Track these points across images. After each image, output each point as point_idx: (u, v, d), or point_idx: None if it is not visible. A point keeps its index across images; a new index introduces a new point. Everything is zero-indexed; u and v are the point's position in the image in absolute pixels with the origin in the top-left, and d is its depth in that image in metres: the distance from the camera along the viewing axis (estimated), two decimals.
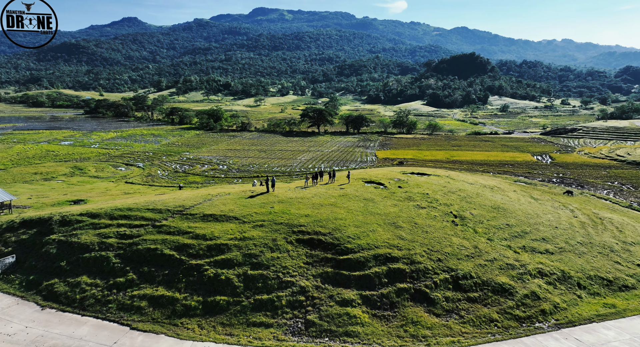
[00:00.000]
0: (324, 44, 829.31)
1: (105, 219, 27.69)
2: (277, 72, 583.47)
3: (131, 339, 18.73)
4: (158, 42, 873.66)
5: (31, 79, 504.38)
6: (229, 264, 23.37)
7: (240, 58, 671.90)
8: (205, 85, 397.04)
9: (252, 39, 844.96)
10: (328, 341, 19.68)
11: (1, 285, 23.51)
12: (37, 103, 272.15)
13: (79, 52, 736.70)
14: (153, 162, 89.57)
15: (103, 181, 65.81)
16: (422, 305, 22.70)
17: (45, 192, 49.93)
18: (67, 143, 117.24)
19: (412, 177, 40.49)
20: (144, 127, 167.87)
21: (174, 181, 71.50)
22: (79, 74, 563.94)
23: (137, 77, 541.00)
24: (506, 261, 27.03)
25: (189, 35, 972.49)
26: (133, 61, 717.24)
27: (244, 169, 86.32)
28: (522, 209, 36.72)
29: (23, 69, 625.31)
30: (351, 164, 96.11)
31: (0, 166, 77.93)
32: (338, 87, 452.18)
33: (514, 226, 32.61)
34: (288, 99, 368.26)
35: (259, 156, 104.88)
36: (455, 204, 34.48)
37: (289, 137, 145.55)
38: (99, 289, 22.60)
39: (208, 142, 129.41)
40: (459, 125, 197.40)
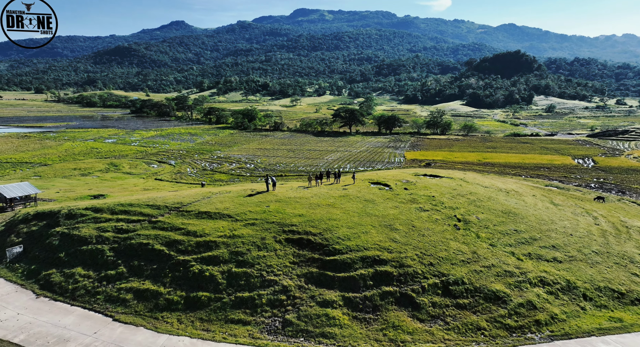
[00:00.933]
0: (363, 44, 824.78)
1: (107, 214, 29.04)
2: (315, 73, 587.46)
3: (111, 330, 19.56)
4: (202, 44, 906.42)
5: (88, 81, 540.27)
6: (215, 261, 23.84)
7: (279, 59, 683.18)
8: (244, 85, 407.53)
9: (292, 40, 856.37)
10: (303, 341, 19.72)
11: (6, 273, 25.20)
12: (90, 103, 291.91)
13: (130, 55, 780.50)
14: (184, 160, 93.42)
15: (134, 177, 69.54)
16: (406, 309, 22.28)
17: (77, 186, 53.57)
18: (110, 141, 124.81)
19: (423, 179, 39.69)
20: (182, 126, 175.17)
21: (201, 178, 74.23)
22: (129, 75, 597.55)
23: (182, 78, 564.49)
24: (505, 268, 25.99)
25: (231, 37, 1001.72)
26: (179, 63, 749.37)
27: (270, 168, 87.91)
28: (537, 214, 34.95)
29: (82, 72, 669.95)
30: (377, 164, 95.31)
31: (48, 161, 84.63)
32: (375, 87, 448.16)
33: (522, 232, 31.18)
34: (324, 99, 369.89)
35: (287, 156, 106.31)
36: (462, 207, 33.46)
37: (319, 137, 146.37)
38: (90, 281, 23.65)
39: (240, 141, 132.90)
40: (498, 126, 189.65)
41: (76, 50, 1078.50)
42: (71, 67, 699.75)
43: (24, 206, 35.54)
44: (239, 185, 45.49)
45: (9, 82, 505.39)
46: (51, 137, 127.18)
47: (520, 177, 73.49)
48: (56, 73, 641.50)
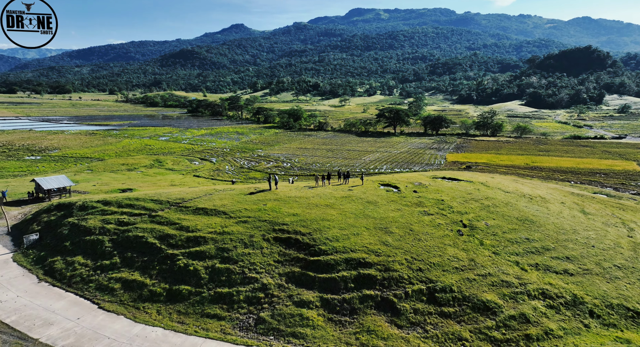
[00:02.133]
0: (418, 43, 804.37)
1: (114, 207, 30.84)
2: (367, 72, 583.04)
3: (93, 317, 20.73)
4: (259, 46, 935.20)
5: (154, 82, 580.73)
6: (201, 256, 24.53)
7: (332, 59, 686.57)
8: (295, 86, 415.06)
9: (345, 40, 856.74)
10: (272, 340, 19.89)
11: (20, 258, 27.39)
12: (153, 103, 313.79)
13: (192, 58, 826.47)
14: (225, 157, 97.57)
15: (175, 173, 74.01)
16: (385, 314, 21.76)
17: (116, 180, 57.96)
18: (164, 139, 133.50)
19: (438, 182, 38.45)
20: (231, 125, 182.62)
21: (237, 175, 77.23)
22: (190, 77, 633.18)
23: (238, 79, 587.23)
24: (503, 278, 24.63)
25: (287, 38, 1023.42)
26: (236, 64, 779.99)
27: (305, 168, 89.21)
28: (557, 223, 32.51)
29: (150, 74, 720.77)
30: (415, 166, 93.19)
31: (105, 157, 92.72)
32: (428, 86, 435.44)
33: (534, 241, 29.24)
34: (374, 99, 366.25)
35: (325, 155, 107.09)
36: (472, 212, 32.05)
37: (361, 137, 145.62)
38: (87, 269, 25.08)
39: (283, 140, 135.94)
40: (558, 128, 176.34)
41: (146, 54, 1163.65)
42: (141, 70, 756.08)
43: (60, 197, 39.44)
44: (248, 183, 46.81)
45: (89, 85, 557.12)
46: (113, 135, 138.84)
47: (566, 183, 68.17)
48: (128, 75, 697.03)
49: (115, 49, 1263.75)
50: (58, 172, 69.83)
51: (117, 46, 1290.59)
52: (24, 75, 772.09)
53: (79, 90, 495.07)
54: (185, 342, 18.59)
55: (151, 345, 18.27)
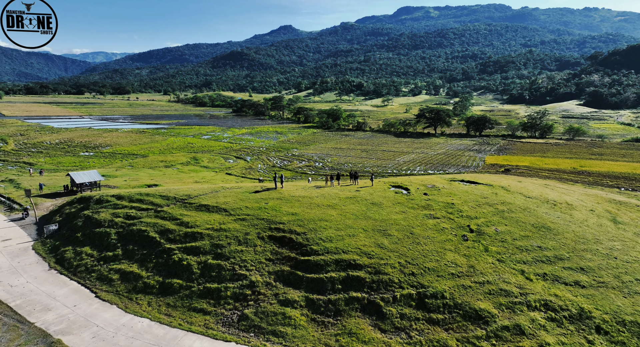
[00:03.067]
0: (469, 40, 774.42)
1: (125, 201, 32.30)
2: (414, 72, 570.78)
3: (89, 305, 21.80)
4: (306, 46, 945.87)
5: (205, 83, 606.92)
6: (196, 251, 25.18)
7: (378, 58, 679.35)
8: (339, 86, 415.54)
9: (392, 39, 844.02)
10: (252, 337, 20.11)
11: (38, 246, 29.23)
12: (201, 103, 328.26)
13: (242, 59, 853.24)
14: (260, 156, 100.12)
15: (208, 170, 77.13)
16: (370, 318, 21.39)
17: (151, 176, 61.64)
18: (206, 137, 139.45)
19: (454, 185, 37.20)
20: (272, 125, 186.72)
21: (268, 174, 79.10)
22: (239, 77, 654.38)
23: (284, 79, 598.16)
24: (502, 286, 23.50)
25: (334, 38, 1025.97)
26: (283, 65, 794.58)
27: (337, 167, 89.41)
28: (579, 231, 30.34)
29: (202, 75, 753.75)
30: (450, 168, 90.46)
31: (149, 154, 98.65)
32: (477, 86, 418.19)
33: (546, 250, 27.53)
34: (418, 99, 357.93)
35: (359, 156, 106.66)
36: (482, 217, 30.76)
37: (399, 138, 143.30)
38: (92, 260, 26.37)
39: (319, 140, 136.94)
40: (619, 129, 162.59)
41: (200, 56, 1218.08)
42: (193, 72, 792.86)
43: (90, 190, 42.65)
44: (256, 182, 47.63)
45: (146, 86, 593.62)
46: (161, 133, 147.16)
47: (614, 190, 62.95)
48: (182, 77, 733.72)
49: (171, 51, 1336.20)
50: (104, 168, 75.45)
51: (173, 49, 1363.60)
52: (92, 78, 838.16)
53: (137, 91, 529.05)
54: (167, 334, 19.27)
55: (134, 335, 19.12)
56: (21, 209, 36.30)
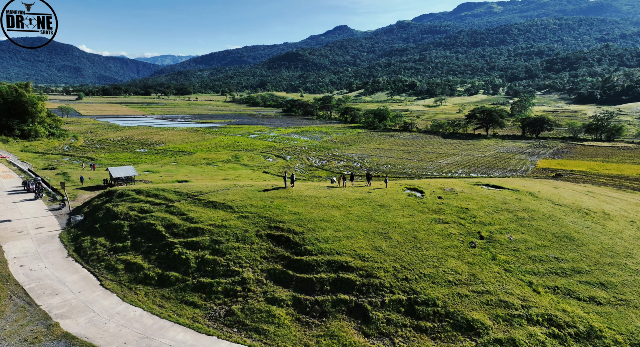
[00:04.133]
0: (535, 36, 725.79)
1: (142, 196, 33.79)
2: (471, 70, 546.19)
3: (92, 292, 23.06)
4: (360, 46, 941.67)
5: (260, 84, 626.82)
6: (195, 246, 25.91)
7: (434, 57, 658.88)
8: (391, 85, 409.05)
9: (450, 37, 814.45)
10: (235, 332, 20.41)
11: (63, 235, 31.24)
12: (254, 103, 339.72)
13: (296, 60, 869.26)
14: (300, 156, 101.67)
15: (246, 168, 79.77)
16: (355, 321, 21.05)
17: (191, 172, 64.93)
18: (253, 136, 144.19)
19: (474, 189, 35.50)
20: (318, 125, 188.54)
21: (303, 173, 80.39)
22: (292, 78, 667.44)
23: (337, 79, 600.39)
24: (503, 297, 22.20)
25: (389, 37, 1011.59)
26: (336, 65, 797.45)
27: (374, 168, 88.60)
28: (608, 243, 27.73)
29: (258, 76, 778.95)
30: (495, 172, 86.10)
31: (196, 151, 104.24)
32: (541, 84, 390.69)
33: (564, 261, 25.51)
34: (474, 98, 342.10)
35: (399, 157, 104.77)
36: (497, 224, 29.14)
37: (447, 139, 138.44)
38: (104, 249, 27.81)
39: (363, 140, 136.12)
40: None
41: (257, 57, 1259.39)
42: (250, 73, 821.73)
43: (126, 184, 46.13)
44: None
45: (206, 87, 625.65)
46: (212, 132, 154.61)
47: None
48: (239, 78, 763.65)
49: (231, 53, 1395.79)
50: (152, 163, 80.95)
51: (233, 51, 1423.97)
52: (159, 79, 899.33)
53: (198, 91, 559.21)
54: (155, 325, 20.12)
55: (125, 323, 20.16)
56: (59, 199, 39.87)
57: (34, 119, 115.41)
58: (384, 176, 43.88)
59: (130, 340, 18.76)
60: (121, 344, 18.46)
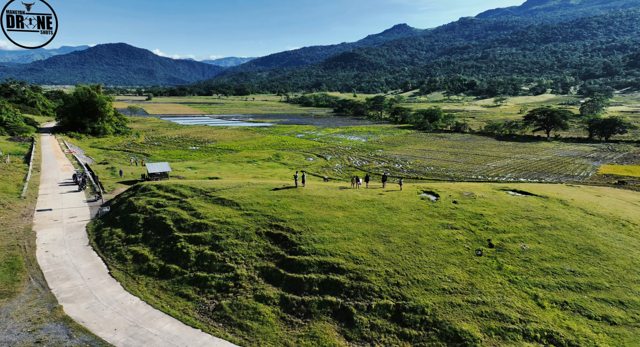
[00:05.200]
0: (618, 29, 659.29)
1: (161, 191, 35.19)
2: (539, 68, 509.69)
3: (99, 279, 24.41)
4: (419, 45, 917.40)
5: (315, 84, 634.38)
6: (197, 241, 26.71)
7: (498, 55, 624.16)
8: (448, 85, 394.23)
9: (517, 33, 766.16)
10: (220, 326, 20.87)
11: (90, 225, 33.20)
12: (307, 103, 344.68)
13: (352, 60, 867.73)
14: (341, 155, 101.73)
15: (284, 167, 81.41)
16: (339, 324, 20.82)
17: (230, 170, 67.58)
18: (300, 136, 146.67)
19: (496, 195, 33.47)
20: (367, 125, 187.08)
21: (341, 173, 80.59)
22: (348, 78, 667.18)
23: (392, 79, 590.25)
24: (500, 310, 20.89)
25: (449, 35, 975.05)
26: (393, 65, 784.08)
27: (416, 170, 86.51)
28: (637, 259, 24.71)
29: (314, 77, 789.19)
30: (548, 177, 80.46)
31: (243, 149, 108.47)
32: (622, 82, 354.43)
33: (581, 275, 23.37)
34: (540, 98, 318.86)
35: (445, 159, 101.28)
36: (512, 232, 27.35)
37: (501, 142, 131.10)
38: (119, 240, 29.23)
39: (410, 141, 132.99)
40: None
41: (314, 58, 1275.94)
42: (307, 73, 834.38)
43: (160, 179, 48.84)
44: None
45: (264, 87, 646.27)
46: (261, 131, 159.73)
47: None
48: (295, 78, 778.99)
49: (289, 55, 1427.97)
50: (197, 160, 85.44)
51: (291, 52, 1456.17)
52: (221, 81, 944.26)
53: (256, 92, 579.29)
54: (147, 314, 21.08)
55: (120, 310, 21.30)
56: (96, 191, 42.97)
57: (103, 118, 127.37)
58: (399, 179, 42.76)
59: (120, 327, 19.84)
60: (111, 330, 19.60)
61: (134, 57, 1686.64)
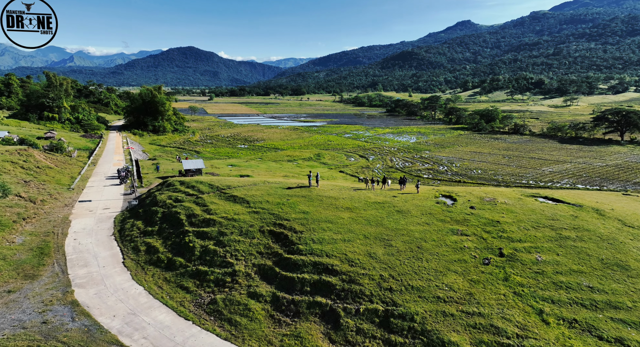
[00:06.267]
0: None
1: (183, 187, 36.53)
2: (622, 64, 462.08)
3: (112, 267, 25.80)
4: (483, 42, 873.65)
5: (371, 84, 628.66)
6: (203, 236, 27.45)
7: (573, 50, 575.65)
8: (512, 83, 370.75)
9: (598, 26, 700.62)
10: (211, 320, 21.39)
11: (118, 217, 35.01)
12: (360, 103, 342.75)
13: (411, 59, 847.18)
14: (384, 156, 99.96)
15: (324, 167, 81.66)
16: (326, 326, 20.61)
17: (270, 168, 69.47)
18: (347, 135, 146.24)
19: (522, 201, 31.18)
20: (418, 125, 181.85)
21: (379, 174, 79.47)
22: (405, 77, 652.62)
23: (452, 78, 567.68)
24: (496, 323, 19.64)
25: (518, 31, 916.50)
26: (454, 63, 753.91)
27: (461, 173, 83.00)
28: None
29: (370, 76, 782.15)
30: (612, 184, 73.69)
31: (288, 148, 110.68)
32: None
33: (600, 292, 21.25)
34: (620, 97, 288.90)
35: (496, 161, 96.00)
36: (529, 242, 25.43)
37: (563, 145, 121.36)
38: (137, 232, 30.63)
39: (461, 142, 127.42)
40: None
41: (372, 57, 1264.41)
42: (363, 73, 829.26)
43: (194, 175, 51.22)
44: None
45: (319, 87, 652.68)
46: (310, 130, 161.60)
47: None
48: (352, 78, 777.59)
49: (347, 54, 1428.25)
50: (240, 158, 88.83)
51: (349, 52, 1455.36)
52: (279, 81, 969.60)
53: (311, 92, 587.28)
54: (146, 303, 22.07)
55: (123, 298, 22.49)
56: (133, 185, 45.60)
57: (162, 117, 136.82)
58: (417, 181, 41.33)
59: (119, 314, 21.04)
60: (110, 316, 20.84)
61: (201, 59, 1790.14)
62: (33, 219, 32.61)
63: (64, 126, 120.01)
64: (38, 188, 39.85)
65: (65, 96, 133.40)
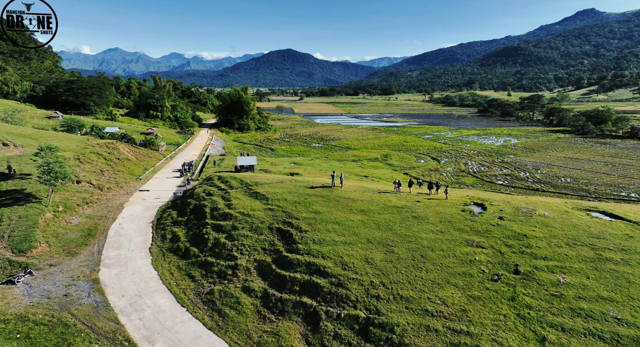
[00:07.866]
0: None
1: (219, 182, 37.93)
2: None
3: (139, 252, 27.67)
4: (608, 32, 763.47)
5: (467, 82, 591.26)
6: (218, 229, 28.49)
7: None
8: None
9: None
10: (205, 309, 22.28)
11: (162, 206, 37.29)
12: (451, 103, 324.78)
13: (515, 55, 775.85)
14: (459, 159, 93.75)
15: (387, 168, 79.46)
16: (307, 327, 20.46)
17: (327, 166, 69.02)
18: (427, 137, 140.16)
19: (569, 215, 27.12)
20: (511, 127, 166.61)
21: (449, 178, 74.96)
22: (506, 75, 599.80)
23: (564, 74, 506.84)
24: (482, 344, 17.81)
25: None
26: (569, 58, 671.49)
27: (544, 181, 74.77)
28: None
29: (467, 74, 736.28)
30: None
31: (361, 148, 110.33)
32: None
33: (629, 325, 18.08)
34: None
35: (594, 169, 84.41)
36: (557, 260, 22.28)
37: None
38: (170, 221, 32.57)
39: (556, 147, 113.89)
40: None
41: (471, 54, 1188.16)
42: (460, 71, 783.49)
43: (246, 171, 54.09)
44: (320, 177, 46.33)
45: (410, 87, 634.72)
46: (389, 131, 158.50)
47: None
48: (447, 77, 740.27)
49: (444, 52, 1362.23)
50: (307, 157, 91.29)
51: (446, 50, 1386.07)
52: (371, 81, 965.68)
53: (402, 91, 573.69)
54: (153, 287, 23.61)
55: (136, 281, 24.28)
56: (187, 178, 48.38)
57: (247, 116, 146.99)
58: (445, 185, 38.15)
59: (127, 294, 22.88)
60: (119, 296, 22.72)
61: (298, 61, 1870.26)
62: (95, 204, 36.94)
63: (164, 123, 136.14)
64: (109, 177, 45.10)
65: (167, 96, 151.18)
